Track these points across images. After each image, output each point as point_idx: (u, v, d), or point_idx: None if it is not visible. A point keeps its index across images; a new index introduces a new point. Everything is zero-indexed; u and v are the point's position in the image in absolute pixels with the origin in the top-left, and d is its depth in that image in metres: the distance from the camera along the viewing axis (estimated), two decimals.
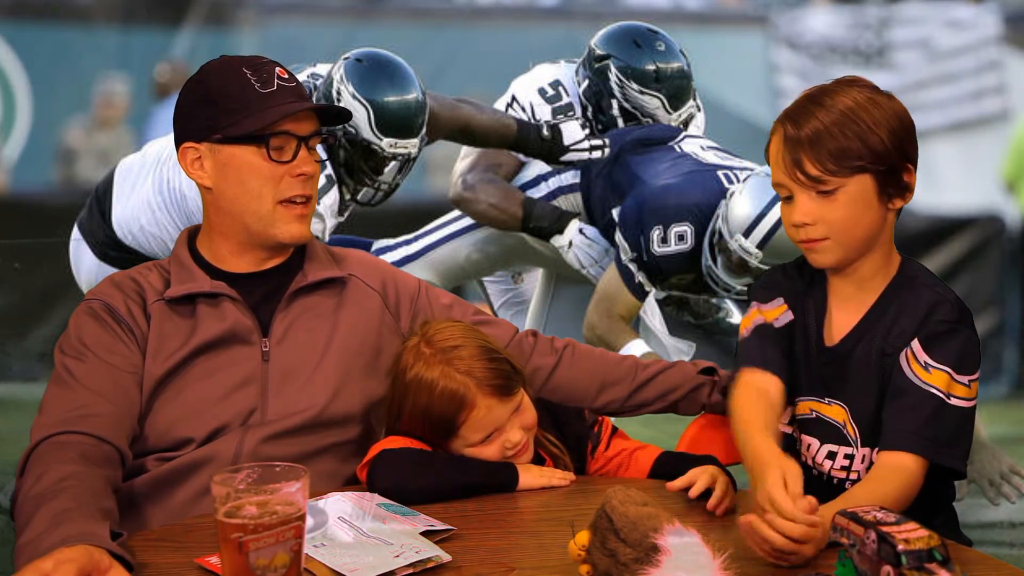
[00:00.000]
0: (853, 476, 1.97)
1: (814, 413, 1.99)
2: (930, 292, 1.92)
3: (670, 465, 2.06)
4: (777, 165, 1.90)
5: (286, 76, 2.05)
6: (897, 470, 1.84)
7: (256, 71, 2.03)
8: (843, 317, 1.97)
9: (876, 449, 1.91)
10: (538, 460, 2.05)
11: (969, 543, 1.93)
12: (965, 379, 1.87)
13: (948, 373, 1.86)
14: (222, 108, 2.01)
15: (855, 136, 1.84)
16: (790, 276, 2.04)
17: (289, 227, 2.05)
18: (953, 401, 1.86)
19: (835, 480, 1.98)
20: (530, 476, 1.98)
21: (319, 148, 2.16)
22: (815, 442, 2.00)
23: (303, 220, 2.06)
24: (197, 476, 1.93)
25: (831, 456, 1.98)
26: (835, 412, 1.97)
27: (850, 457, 1.97)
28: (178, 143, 2.06)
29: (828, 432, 1.98)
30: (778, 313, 2.01)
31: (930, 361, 1.87)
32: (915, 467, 1.84)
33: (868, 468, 1.93)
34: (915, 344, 1.89)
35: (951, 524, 2.02)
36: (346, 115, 2.18)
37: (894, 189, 1.89)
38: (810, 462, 2.01)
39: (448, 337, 2.00)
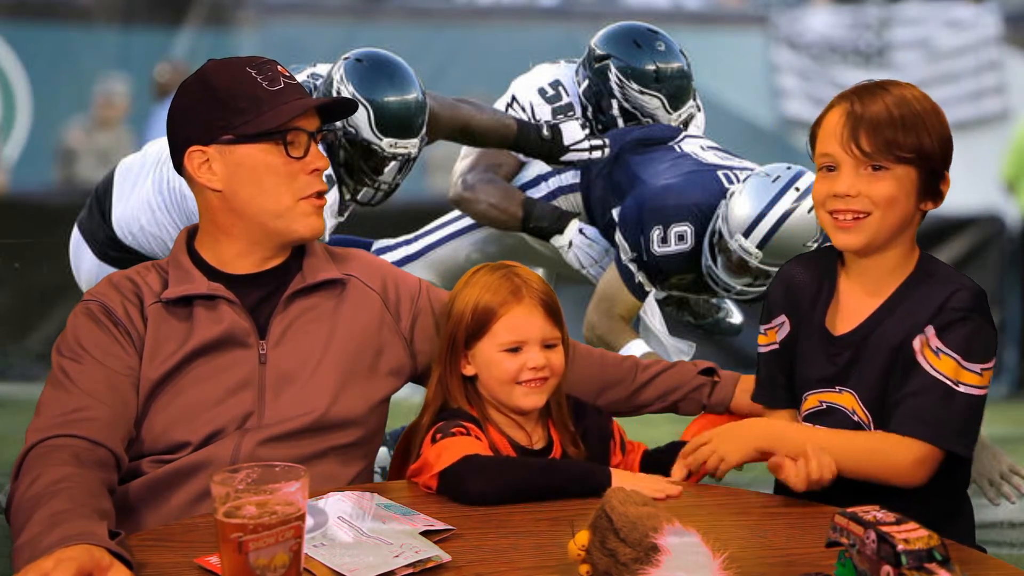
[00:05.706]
0: None
1: (823, 404, 2.03)
2: (947, 285, 1.95)
3: (654, 464, 2.09)
4: (831, 136, 1.95)
5: (288, 74, 2.05)
6: (899, 448, 1.89)
7: (259, 70, 2.02)
8: (855, 309, 2.01)
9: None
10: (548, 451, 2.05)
11: (982, 551, 1.91)
12: (976, 367, 1.91)
13: (956, 360, 1.90)
14: (232, 108, 1.99)
15: (913, 130, 1.92)
16: (795, 279, 2.08)
17: (309, 220, 2.04)
18: (962, 388, 1.90)
19: None
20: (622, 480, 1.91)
21: (320, 148, 2.16)
22: None
23: (320, 212, 2.06)
24: (193, 480, 1.93)
25: None
26: (845, 399, 2.00)
27: None
28: (181, 148, 2.02)
29: (840, 420, 2.00)
30: (776, 331, 2.08)
31: (940, 346, 1.91)
32: (918, 451, 1.89)
33: None
34: (929, 330, 1.92)
35: (967, 529, 2.03)
36: (352, 107, 2.18)
37: (929, 192, 1.96)
38: None
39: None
